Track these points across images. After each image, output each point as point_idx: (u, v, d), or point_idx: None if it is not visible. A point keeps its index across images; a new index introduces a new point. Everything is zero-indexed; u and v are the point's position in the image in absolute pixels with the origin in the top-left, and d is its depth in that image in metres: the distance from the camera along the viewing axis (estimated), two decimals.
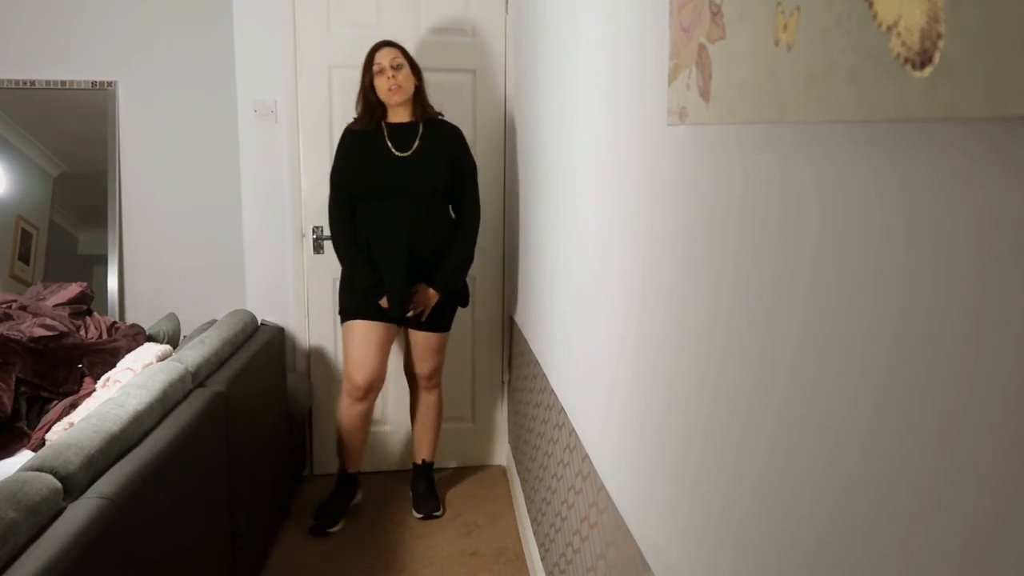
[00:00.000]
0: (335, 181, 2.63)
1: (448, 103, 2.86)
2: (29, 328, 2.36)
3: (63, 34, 3.38)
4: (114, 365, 2.28)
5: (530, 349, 2.56)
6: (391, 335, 2.70)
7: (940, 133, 0.51)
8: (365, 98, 2.59)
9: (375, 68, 2.55)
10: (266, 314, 2.99)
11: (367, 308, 2.60)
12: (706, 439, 0.91)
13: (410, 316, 2.66)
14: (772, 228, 0.75)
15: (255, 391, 2.37)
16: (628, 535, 1.25)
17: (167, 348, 2.25)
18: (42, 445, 2.02)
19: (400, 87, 2.54)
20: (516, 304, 2.96)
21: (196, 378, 1.98)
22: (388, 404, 3.12)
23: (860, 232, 0.60)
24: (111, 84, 3.43)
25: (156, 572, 1.51)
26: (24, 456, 2.00)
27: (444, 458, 3.11)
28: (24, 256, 3.43)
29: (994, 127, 0.46)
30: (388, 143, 2.58)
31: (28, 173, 3.45)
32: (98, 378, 2.29)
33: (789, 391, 0.71)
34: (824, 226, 0.65)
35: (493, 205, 3.09)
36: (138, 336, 2.67)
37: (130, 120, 3.45)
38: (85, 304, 2.75)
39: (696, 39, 0.84)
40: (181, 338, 2.86)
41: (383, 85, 2.54)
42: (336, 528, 2.69)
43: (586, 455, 1.61)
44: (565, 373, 1.92)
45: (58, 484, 1.30)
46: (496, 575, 2.46)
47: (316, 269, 3.04)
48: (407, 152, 2.58)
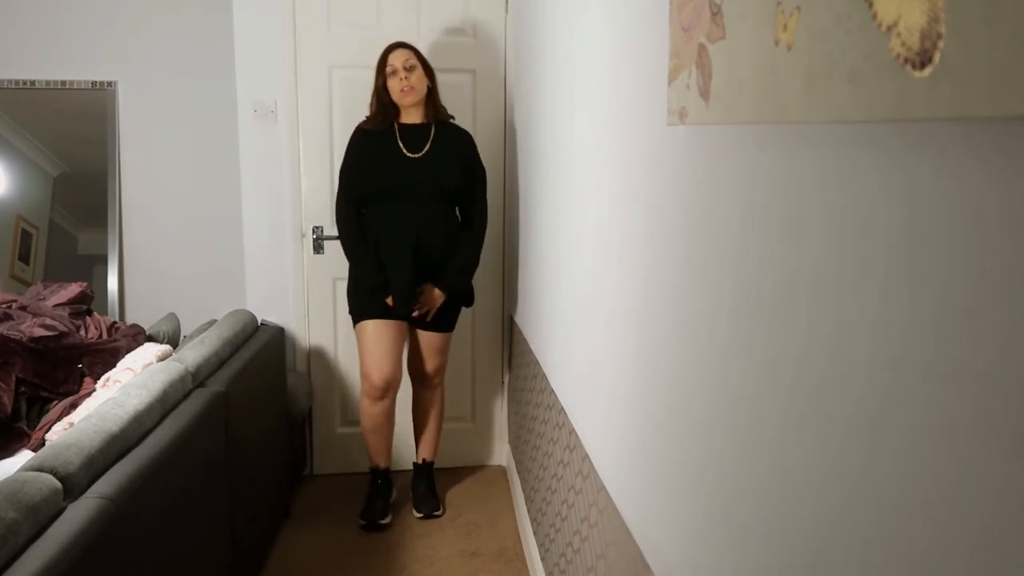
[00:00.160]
0: (345, 179, 2.63)
1: (448, 103, 2.85)
2: (29, 328, 2.36)
3: (63, 34, 3.38)
4: (114, 365, 2.28)
5: (530, 349, 2.56)
6: (403, 332, 2.71)
7: (940, 133, 0.51)
8: (378, 99, 2.59)
9: (388, 69, 2.55)
10: (266, 314, 2.99)
11: (377, 308, 2.61)
12: (709, 440, 0.91)
13: (415, 316, 2.66)
14: (773, 228, 0.75)
15: (255, 391, 2.37)
16: (628, 535, 1.25)
17: (167, 348, 2.25)
18: (42, 445, 2.02)
19: (413, 88, 2.54)
20: (516, 304, 2.96)
21: (196, 378, 1.98)
22: None
23: (860, 232, 0.60)
24: (111, 84, 3.43)
25: (156, 572, 1.51)
26: (24, 456, 2.00)
27: (444, 458, 3.10)
28: (24, 256, 3.43)
29: (994, 127, 0.46)
30: (400, 144, 2.59)
31: (28, 173, 3.46)
32: (98, 378, 2.29)
33: (792, 391, 0.71)
34: (825, 226, 0.65)
35: (493, 205, 3.09)
36: (138, 336, 2.68)
37: (130, 120, 3.45)
38: (85, 304, 2.75)
39: (696, 39, 0.84)
40: (181, 338, 2.86)
41: (396, 86, 2.55)
42: (387, 520, 2.73)
43: (586, 455, 1.61)
44: (565, 373, 1.92)
45: (58, 484, 1.30)
46: (496, 575, 2.46)
47: (316, 269, 3.04)
48: (419, 154, 2.59)
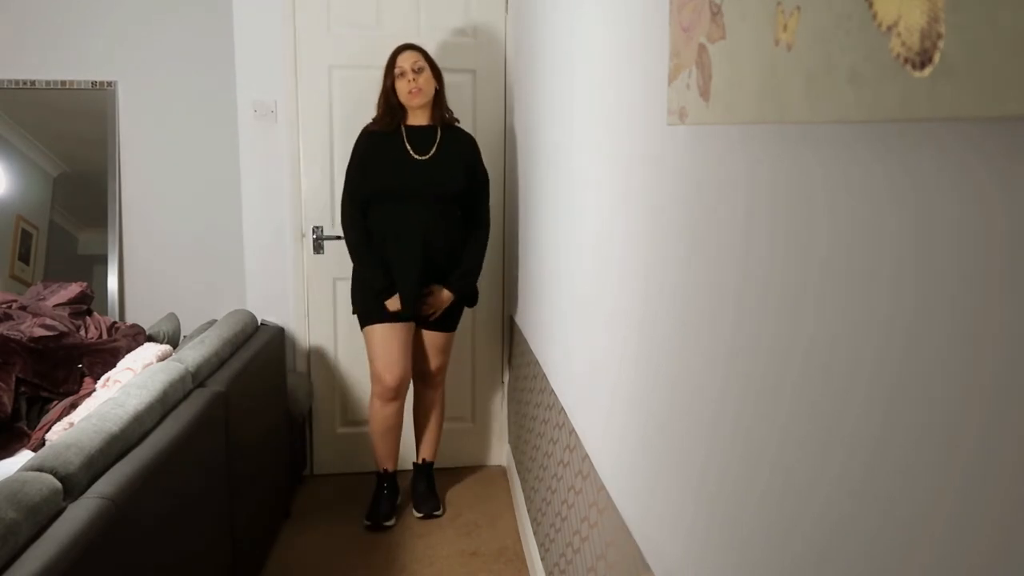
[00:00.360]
0: (350, 181, 2.64)
1: (448, 103, 2.85)
2: (29, 328, 2.36)
3: (63, 34, 3.38)
4: (114, 365, 2.28)
5: (530, 349, 2.56)
6: (410, 332, 2.72)
7: (940, 133, 0.51)
8: (386, 100, 2.60)
9: (396, 71, 2.57)
10: (266, 314, 2.99)
11: (385, 310, 2.62)
12: (711, 441, 0.91)
13: (424, 315, 2.68)
14: (775, 228, 0.75)
15: (255, 391, 2.37)
16: (628, 535, 1.25)
17: (167, 348, 2.25)
18: (42, 445, 2.02)
19: (420, 90, 2.56)
20: (516, 304, 2.96)
21: (196, 378, 1.98)
22: None
23: (860, 232, 0.60)
24: (111, 84, 3.43)
25: (156, 572, 1.51)
26: (24, 456, 2.00)
27: (444, 458, 3.10)
28: (24, 256, 3.43)
29: (994, 127, 0.46)
30: (407, 146, 2.60)
31: (28, 173, 3.46)
32: (98, 378, 2.29)
33: (798, 391, 0.70)
34: (826, 226, 0.65)
35: (493, 205, 3.09)
36: (138, 336, 2.68)
37: (130, 120, 3.45)
38: (85, 304, 2.75)
39: (696, 39, 0.84)
40: (181, 338, 2.86)
41: (404, 88, 2.56)
42: (391, 523, 2.73)
43: (586, 455, 1.61)
44: (565, 373, 1.92)
45: (58, 484, 1.30)
46: (496, 575, 2.46)
47: (316, 269, 3.04)
48: (425, 156, 2.60)
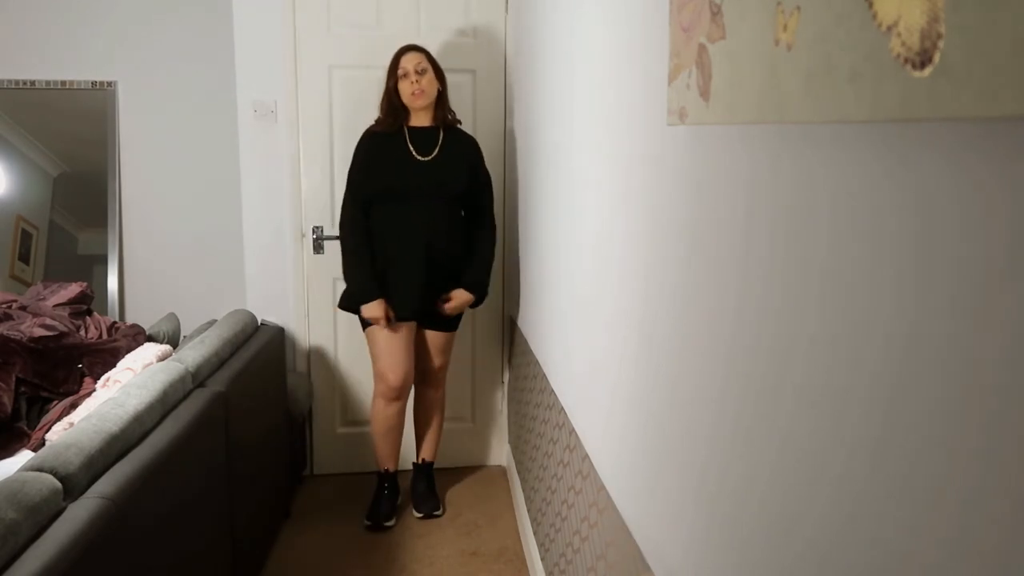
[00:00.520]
0: (353, 183, 2.64)
1: (450, 103, 2.86)
2: (29, 328, 2.36)
3: (63, 34, 3.38)
4: (114, 365, 2.28)
5: (530, 349, 2.56)
6: (413, 332, 2.72)
7: (940, 133, 0.51)
8: (389, 101, 2.61)
9: (400, 72, 2.57)
10: (266, 314, 2.99)
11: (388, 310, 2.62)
12: (712, 441, 0.91)
13: (444, 313, 2.69)
14: (775, 228, 0.75)
15: (255, 391, 2.37)
16: (628, 535, 1.25)
17: (167, 348, 2.25)
18: (42, 445, 2.02)
19: (423, 92, 2.57)
20: (516, 304, 2.96)
21: (196, 378, 1.98)
22: None
23: (860, 232, 0.60)
24: (111, 84, 3.43)
25: (156, 572, 1.51)
26: (24, 456, 2.00)
27: (444, 458, 3.10)
28: (24, 256, 3.43)
29: (994, 127, 0.46)
30: (410, 146, 2.61)
31: (28, 173, 3.46)
32: (98, 378, 2.29)
33: (800, 392, 0.70)
34: (826, 226, 0.65)
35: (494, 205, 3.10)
36: (138, 336, 2.68)
37: (130, 120, 3.45)
38: (85, 304, 2.75)
39: (696, 39, 0.84)
40: (181, 338, 2.86)
41: (407, 89, 2.56)
42: (391, 523, 2.74)
43: (586, 455, 1.61)
44: (565, 373, 1.92)
45: (58, 484, 1.30)
46: (496, 575, 2.46)
47: (316, 269, 3.04)
48: (428, 156, 2.61)
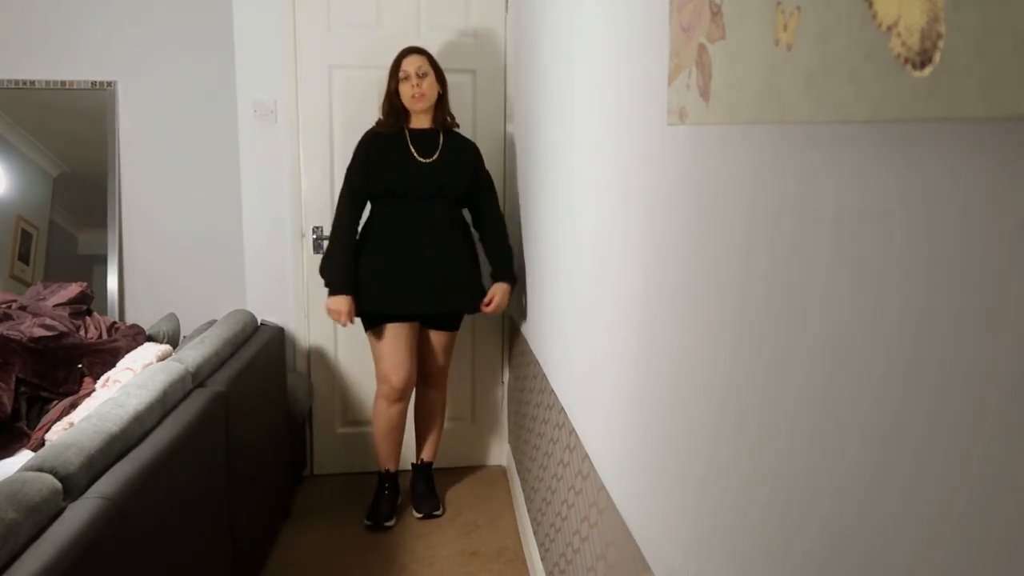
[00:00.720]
0: (351, 182, 2.65)
1: (450, 104, 2.86)
2: (29, 328, 2.36)
3: (63, 34, 3.38)
4: (114, 365, 2.28)
5: (530, 349, 2.56)
6: (415, 332, 2.73)
7: (940, 133, 0.51)
8: (390, 103, 2.62)
9: (401, 75, 2.58)
10: (266, 314, 2.99)
11: (387, 311, 2.63)
12: (713, 441, 0.90)
13: (486, 312, 2.71)
14: (775, 227, 0.75)
15: (255, 391, 2.37)
16: (628, 535, 1.24)
17: (167, 348, 2.25)
18: (42, 445, 2.02)
19: (424, 95, 2.58)
20: (516, 304, 2.96)
21: (196, 378, 1.98)
22: None
23: (860, 233, 0.60)
24: (111, 84, 3.43)
25: (156, 572, 1.51)
26: (24, 456, 2.00)
27: (444, 458, 3.10)
28: (24, 256, 3.43)
29: (994, 127, 0.46)
30: (411, 148, 2.63)
31: (28, 173, 3.45)
32: (98, 378, 2.29)
33: (805, 392, 0.69)
34: (826, 226, 0.65)
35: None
36: (138, 336, 2.68)
37: (130, 120, 3.45)
38: (85, 304, 2.75)
39: (696, 39, 0.84)
40: (181, 338, 2.86)
41: (407, 92, 2.58)
42: (391, 523, 2.74)
43: (586, 455, 1.61)
44: (565, 373, 1.92)
45: (58, 484, 1.30)
46: (496, 575, 2.46)
47: (316, 269, 3.03)
48: (430, 158, 2.63)
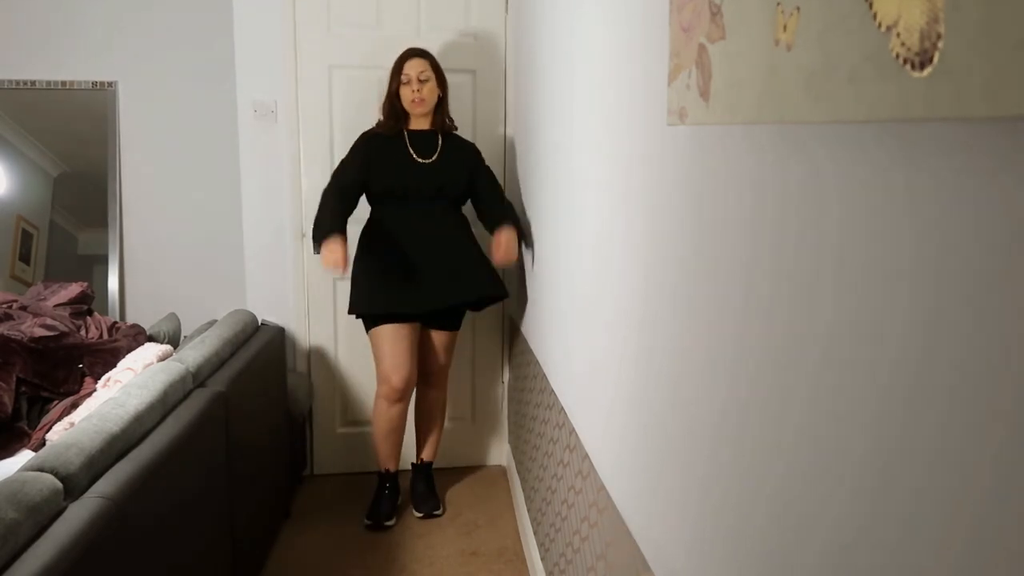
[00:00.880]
0: (344, 175, 2.64)
1: (449, 104, 2.86)
2: (30, 328, 2.36)
3: (63, 34, 3.38)
4: (114, 365, 2.28)
5: (530, 349, 2.56)
6: (417, 333, 2.72)
7: (940, 133, 0.51)
8: (391, 104, 2.63)
9: (403, 78, 2.59)
10: (266, 314, 2.99)
11: (390, 310, 2.62)
12: (715, 441, 0.90)
13: (498, 263, 2.64)
14: (780, 227, 0.75)
15: (255, 391, 2.37)
16: (628, 535, 1.25)
17: (167, 348, 2.25)
18: (42, 445, 2.02)
19: (423, 100, 2.59)
20: (516, 304, 2.96)
21: (197, 378, 1.98)
22: None
23: (859, 232, 0.60)
24: (111, 84, 3.43)
25: (156, 572, 1.51)
26: (24, 456, 2.00)
27: (444, 458, 3.10)
28: (24, 256, 3.43)
29: (994, 127, 0.46)
30: (410, 149, 2.64)
31: (28, 173, 3.45)
32: (98, 378, 2.29)
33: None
34: (827, 226, 0.65)
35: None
36: (138, 336, 2.68)
37: (130, 120, 3.45)
38: (85, 304, 2.75)
39: (696, 39, 0.84)
40: (181, 338, 2.86)
41: (407, 95, 2.59)
42: (392, 523, 2.74)
43: (586, 455, 1.61)
44: (565, 373, 1.92)
45: (59, 484, 1.30)
46: (496, 575, 2.46)
47: (316, 269, 3.04)
48: (429, 159, 2.63)
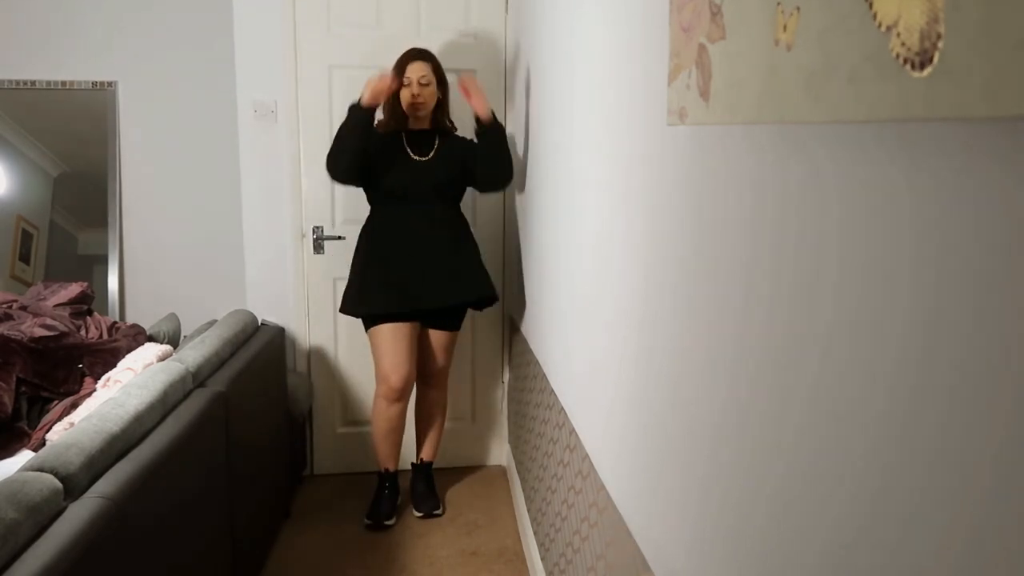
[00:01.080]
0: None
1: (449, 102, 2.86)
2: (30, 328, 2.36)
3: (63, 34, 3.38)
4: (114, 365, 2.28)
5: (530, 349, 2.56)
6: (416, 332, 2.73)
7: (940, 133, 0.51)
8: (391, 104, 2.64)
9: (404, 80, 2.60)
10: (266, 314, 2.99)
11: (389, 309, 2.63)
12: (716, 441, 0.90)
13: (474, 103, 2.58)
14: (778, 227, 0.75)
15: (255, 391, 2.37)
16: (628, 535, 1.25)
17: (167, 348, 2.25)
18: (42, 445, 2.02)
19: (423, 104, 2.62)
20: (516, 304, 2.96)
21: (196, 378, 1.98)
22: None
23: (858, 232, 0.60)
24: (111, 84, 3.43)
25: (156, 572, 1.51)
26: (24, 456, 2.00)
27: (444, 458, 3.10)
28: (24, 256, 3.43)
29: (994, 127, 0.46)
30: (407, 148, 2.66)
31: (28, 173, 3.45)
32: (98, 378, 2.29)
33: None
34: (828, 226, 0.65)
35: (493, 205, 3.10)
36: (138, 336, 2.68)
37: (130, 120, 3.45)
38: (85, 304, 2.75)
39: (696, 39, 0.84)
40: (181, 338, 2.86)
41: (407, 97, 2.61)
42: (392, 522, 2.75)
43: (586, 455, 1.61)
44: (565, 373, 1.92)
45: (59, 484, 1.30)
46: (496, 575, 2.46)
47: (316, 269, 3.04)
48: (425, 157, 2.66)
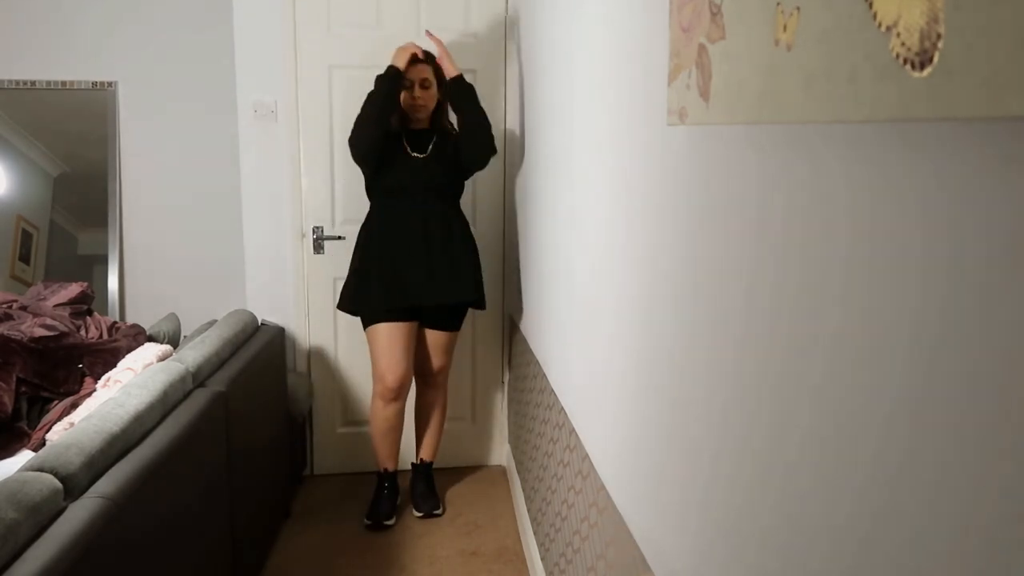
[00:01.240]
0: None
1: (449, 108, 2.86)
2: (30, 328, 2.36)
3: (63, 34, 3.38)
4: (114, 365, 2.28)
5: (530, 349, 2.56)
6: (414, 332, 2.74)
7: (940, 133, 0.51)
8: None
9: (405, 81, 2.62)
10: (266, 314, 2.99)
11: (386, 309, 2.63)
12: (717, 441, 0.90)
13: (436, 44, 2.63)
14: (781, 227, 0.75)
15: (255, 391, 2.37)
16: (628, 535, 1.25)
17: (167, 348, 2.25)
18: (42, 445, 2.02)
19: (423, 106, 2.65)
20: (516, 304, 2.96)
21: (196, 378, 1.98)
22: None
23: (858, 232, 0.60)
24: (111, 84, 3.43)
25: (156, 572, 1.51)
26: (24, 456, 2.00)
27: (444, 458, 3.10)
28: (24, 256, 3.43)
29: (994, 127, 0.46)
30: (406, 145, 2.68)
31: (28, 173, 3.45)
32: (98, 378, 2.29)
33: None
34: (827, 226, 0.65)
35: (493, 205, 3.10)
36: (138, 336, 2.68)
37: (130, 120, 3.45)
38: (85, 304, 2.75)
39: (696, 39, 0.84)
40: (181, 338, 2.86)
41: (407, 98, 2.64)
42: (391, 522, 2.75)
43: (586, 455, 1.61)
44: (565, 373, 1.92)
45: (59, 484, 1.30)
46: (496, 575, 2.46)
47: (316, 269, 3.04)
48: (423, 154, 2.68)
